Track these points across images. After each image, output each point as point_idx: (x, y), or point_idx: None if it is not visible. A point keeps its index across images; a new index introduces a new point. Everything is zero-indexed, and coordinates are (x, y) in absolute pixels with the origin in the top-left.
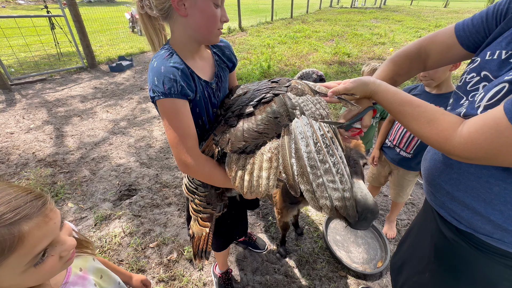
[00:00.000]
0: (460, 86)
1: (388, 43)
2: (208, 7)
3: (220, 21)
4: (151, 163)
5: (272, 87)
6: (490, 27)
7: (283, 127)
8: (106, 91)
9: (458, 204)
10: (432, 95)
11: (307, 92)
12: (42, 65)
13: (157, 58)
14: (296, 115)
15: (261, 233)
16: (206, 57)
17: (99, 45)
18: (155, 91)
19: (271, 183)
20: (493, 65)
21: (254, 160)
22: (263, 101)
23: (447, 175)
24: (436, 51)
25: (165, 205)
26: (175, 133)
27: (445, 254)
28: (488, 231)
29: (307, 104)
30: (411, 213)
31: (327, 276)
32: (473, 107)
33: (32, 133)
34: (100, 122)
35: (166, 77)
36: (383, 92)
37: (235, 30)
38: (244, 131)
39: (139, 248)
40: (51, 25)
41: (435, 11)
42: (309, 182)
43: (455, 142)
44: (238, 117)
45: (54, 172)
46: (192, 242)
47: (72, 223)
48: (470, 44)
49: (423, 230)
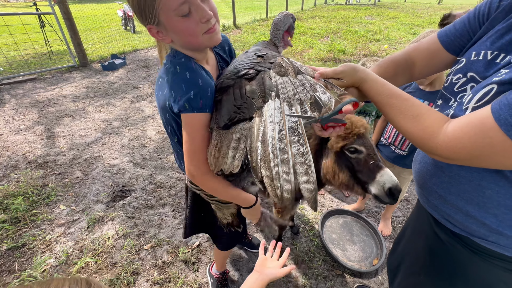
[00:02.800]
0: (447, 87)
1: (383, 40)
2: (177, 24)
3: (201, 23)
4: (145, 163)
5: (257, 62)
6: (474, 29)
7: (256, 109)
8: (98, 90)
9: (451, 207)
10: (426, 92)
11: (289, 72)
12: (32, 64)
13: (182, 66)
14: (271, 96)
15: (257, 232)
16: (211, 61)
17: (91, 43)
18: (188, 106)
19: (236, 163)
20: (479, 66)
21: (225, 137)
22: (246, 77)
23: (438, 178)
24: (421, 57)
25: (159, 206)
26: (193, 145)
27: (440, 257)
28: (483, 234)
29: (285, 86)
30: (406, 210)
31: (323, 275)
32: (461, 109)
33: (22, 134)
34: (93, 122)
35: (204, 93)
36: (372, 81)
37: (230, 27)
38: (226, 103)
39: (133, 250)
40: (41, 23)
41: (429, 8)
42: (269, 169)
43: (438, 140)
44: (221, 92)
45: (45, 173)
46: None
47: (64, 225)
48: (456, 48)
49: (417, 231)
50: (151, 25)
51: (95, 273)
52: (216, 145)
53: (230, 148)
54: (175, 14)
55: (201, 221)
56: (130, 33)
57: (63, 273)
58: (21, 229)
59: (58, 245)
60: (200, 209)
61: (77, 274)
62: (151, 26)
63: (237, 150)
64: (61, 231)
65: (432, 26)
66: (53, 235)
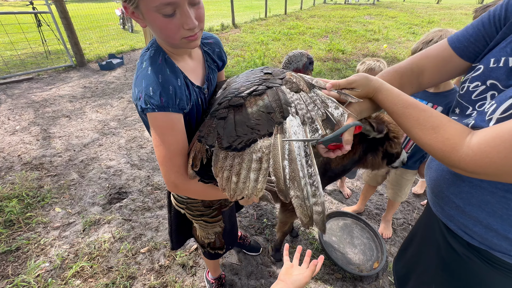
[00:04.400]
0: (463, 95)
1: (382, 40)
2: (156, 19)
3: (183, 28)
4: (142, 165)
5: (266, 79)
6: (490, 34)
7: (276, 125)
8: (95, 90)
9: (470, 218)
10: (430, 93)
11: (303, 87)
12: (29, 63)
13: (148, 61)
14: (291, 112)
15: (256, 235)
16: (197, 57)
17: (88, 42)
18: (148, 103)
19: (260, 186)
20: (500, 73)
21: (243, 159)
22: (255, 93)
23: (457, 187)
24: (431, 65)
25: (156, 208)
26: (166, 150)
27: (454, 269)
28: (505, 248)
29: (300, 103)
30: (407, 211)
31: (323, 279)
32: (484, 119)
33: (18, 134)
34: (90, 122)
35: (165, 90)
36: (387, 91)
37: (229, 26)
38: (236, 124)
39: (129, 254)
40: (38, 22)
41: (428, 7)
42: (300, 188)
43: (461, 153)
44: (228, 109)
45: (41, 175)
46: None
47: (59, 229)
48: (471, 54)
49: (427, 240)
50: (127, 4)
51: (90, 278)
52: (231, 168)
53: (252, 171)
54: (156, 11)
55: (187, 226)
56: (128, 32)
57: (57, 277)
58: (15, 233)
59: (53, 249)
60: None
61: (72, 279)
62: (128, 5)
63: (260, 172)
64: (56, 234)
65: (432, 26)
66: (48, 239)
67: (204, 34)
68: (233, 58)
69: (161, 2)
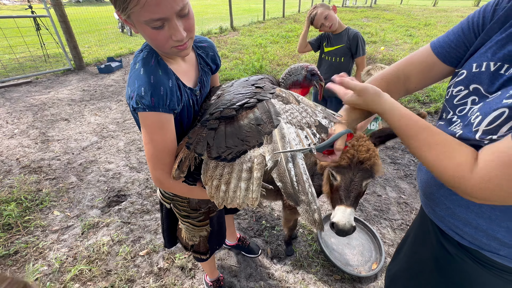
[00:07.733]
0: (448, 99)
1: (379, 42)
2: (145, 30)
3: (171, 39)
4: (141, 167)
5: (257, 92)
6: (470, 40)
7: (265, 135)
8: (94, 93)
9: (460, 219)
10: None
11: (292, 101)
12: (28, 67)
13: (141, 62)
14: (285, 121)
15: (255, 237)
16: (190, 60)
17: (87, 46)
18: (140, 103)
19: (254, 195)
20: (483, 78)
21: (233, 169)
22: (246, 105)
23: (447, 190)
24: (416, 71)
25: (155, 211)
26: (153, 148)
27: (447, 269)
28: (493, 247)
29: (293, 112)
30: (405, 213)
31: (322, 280)
32: (470, 130)
33: (16, 138)
34: (88, 125)
35: (156, 91)
36: (399, 115)
37: (227, 29)
38: (226, 136)
39: (128, 257)
40: (36, 25)
41: (424, 10)
42: (305, 192)
43: (472, 181)
44: (219, 120)
45: (39, 179)
46: (190, 249)
47: (57, 232)
48: (453, 59)
49: (420, 240)
50: (120, 14)
51: (89, 281)
52: (220, 178)
53: (242, 180)
54: (146, 24)
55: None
56: (127, 35)
57: (56, 281)
58: (13, 236)
59: (51, 252)
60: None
61: (71, 282)
62: (120, 14)
63: (250, 181)
64: (55, 237)
65: (428, 28)
66: (47, 242)
67: (198, 38)
68: (231, 61)
69: (151, 17)
